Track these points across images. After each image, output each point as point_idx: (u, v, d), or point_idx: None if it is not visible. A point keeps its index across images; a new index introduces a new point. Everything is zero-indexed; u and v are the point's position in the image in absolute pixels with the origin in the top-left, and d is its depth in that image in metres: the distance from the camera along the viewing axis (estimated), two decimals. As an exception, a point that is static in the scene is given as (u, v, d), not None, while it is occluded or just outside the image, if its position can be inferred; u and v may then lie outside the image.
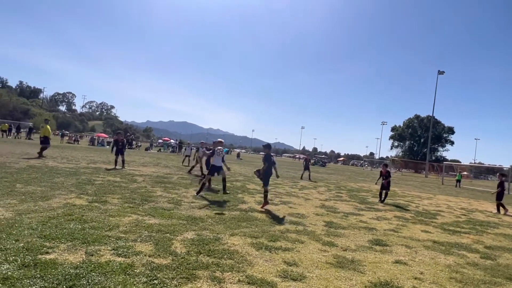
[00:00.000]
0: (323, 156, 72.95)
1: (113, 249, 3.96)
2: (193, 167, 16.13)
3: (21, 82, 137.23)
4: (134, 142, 47.74)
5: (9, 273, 3.03)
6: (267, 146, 8.48)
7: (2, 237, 3.93)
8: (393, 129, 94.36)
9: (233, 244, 4.74)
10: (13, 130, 39.10)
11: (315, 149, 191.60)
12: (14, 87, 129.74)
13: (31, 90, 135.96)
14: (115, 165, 14.18)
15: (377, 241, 5.82)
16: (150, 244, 4.33)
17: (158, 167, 16.79)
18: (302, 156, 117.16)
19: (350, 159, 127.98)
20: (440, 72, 52.43)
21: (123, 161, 14.51)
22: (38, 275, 3.05)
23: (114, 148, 14.53)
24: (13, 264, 3.23)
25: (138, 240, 4.42)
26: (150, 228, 5.09)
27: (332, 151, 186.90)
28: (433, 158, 78.53)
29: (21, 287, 2.81)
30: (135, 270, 3.42)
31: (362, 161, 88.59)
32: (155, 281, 3.21)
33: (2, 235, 4.02)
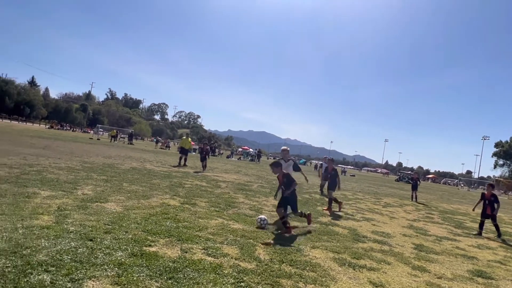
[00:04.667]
0: (409, 172, 66.96)
1: (204, 249, 4.28)
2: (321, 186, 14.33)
3: (125, 94, 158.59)
4: (216, 150, 50.80)
5: (123, 259, 3.52)
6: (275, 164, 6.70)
7: (115, 228, 4.58)
8: (497, 145, 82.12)
9: (315, 256, 4.70)
10: (119, 136, 45.20)
11: (399, 164, 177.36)
12: (120, 98, 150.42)
13: (133, 101, 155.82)
14: (203, 169, 16.36)
15: (479, 272, 5.12)
16: (236, 247, 4.56)
17: (239, 175, 17.55)
18: (384, 170, 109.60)
19: (442, 176, 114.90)
20: None
21: (204, 165, 16.58)
22: (144, 264, 3.48)
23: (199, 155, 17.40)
24: (125, 252, 3.75)
25: (225, 243, 4.69)
26: (234, 232, 5.36)
27: (420, 167, 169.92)
28: (552, 181, 65.69)
29: (132, 272, 3.24)
30: (224, 271, 3.64)
31: (457, 180, 78.73)
32: (242, 284, 3.38)
33: (115, 226, 4.69)
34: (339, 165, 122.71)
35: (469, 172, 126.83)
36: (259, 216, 6.23)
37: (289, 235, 5.73)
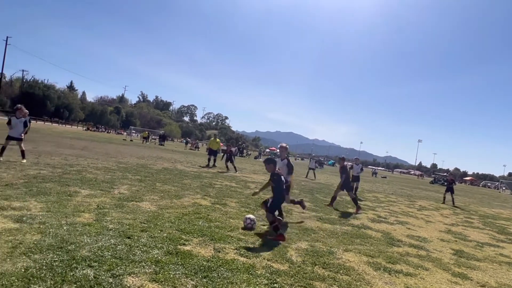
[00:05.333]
0: (444, 174, 63.76)
1: (236, 249, 4.32)
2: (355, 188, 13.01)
3: (156, 97, 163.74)
4: (244, 151, 51.14)
5: (159, 257, 3.63)
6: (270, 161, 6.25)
7: (151, 227, 4.74)
8: (543, 145, 76.28)
9: (348, 260, 4.60)
10: (151, 137, 46.72)
11: (434, 165, 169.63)
12: (151, 101, 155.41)
13: (163, 103, 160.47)
14: (227, 169, 16.87)
15: (527, 282, 4.79)
16: (268, 248, 4.56)
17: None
18: (418, 172, 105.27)
19: (481, 179, 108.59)
20: None
21: (234, 167, 17.00)
22: (180, 263, 3.57)
23: (225, 156, 17.78)
24: (161, 250, 3.86)
25: (256, 244, 4.71)
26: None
27: (457, 169, 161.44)
28: None
29: (168, 270, 3.34)
30: (257, 272, 3.65)
31: (498, 183, 74.09)
32: (276, 285, 3.38)
33: (150, 225, 4.85)
34: (369, 167, 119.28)
35: (511, 174, 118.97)
36: (247, 216, 5.65)
37: (322, 237, 5.64)
